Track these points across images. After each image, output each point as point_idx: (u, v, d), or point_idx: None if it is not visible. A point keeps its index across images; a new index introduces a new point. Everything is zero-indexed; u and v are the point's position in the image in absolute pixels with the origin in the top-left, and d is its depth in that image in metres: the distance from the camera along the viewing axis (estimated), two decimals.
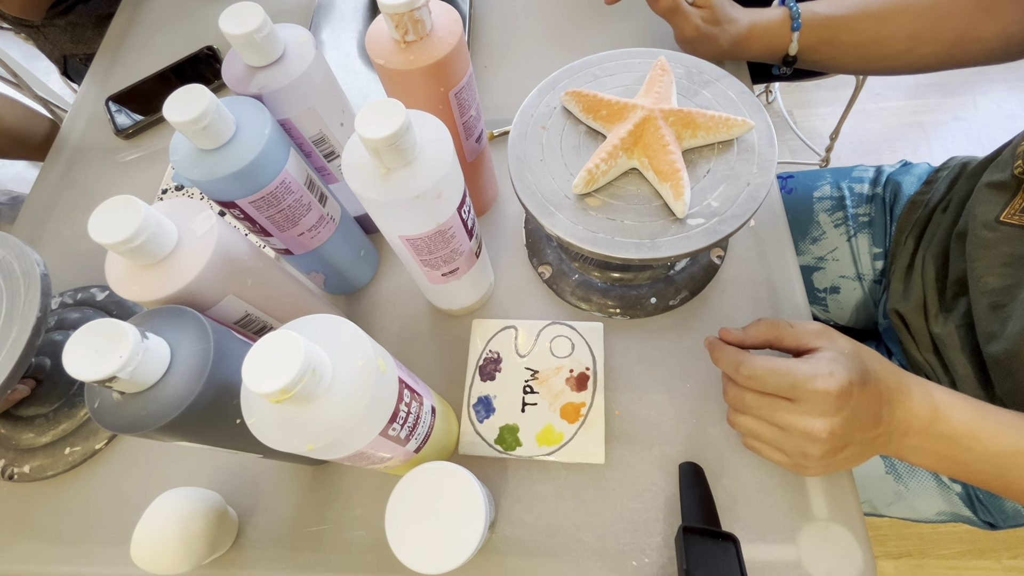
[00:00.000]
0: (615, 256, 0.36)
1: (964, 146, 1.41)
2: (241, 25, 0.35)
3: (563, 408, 0.43)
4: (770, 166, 0.38)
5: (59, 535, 0.45)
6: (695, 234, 0.36)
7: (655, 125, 0.38)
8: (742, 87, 0.41)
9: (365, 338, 0.29)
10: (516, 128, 0.43)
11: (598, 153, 0.38)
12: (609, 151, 0.38)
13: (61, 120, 0.85)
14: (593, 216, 0.38)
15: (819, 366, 0.32)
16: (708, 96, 0.42)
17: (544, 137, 0.42)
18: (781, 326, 0.36)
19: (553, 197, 0.39)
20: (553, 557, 0.40)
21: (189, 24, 0.74)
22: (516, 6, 0.68)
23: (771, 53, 0.49)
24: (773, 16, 0.48)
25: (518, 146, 0.42)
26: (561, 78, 0.45)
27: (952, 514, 0.53)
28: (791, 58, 0.48)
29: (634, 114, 0.39)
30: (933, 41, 0.48)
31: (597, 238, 0.37)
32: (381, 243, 0.54)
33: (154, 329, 0.30)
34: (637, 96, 0.41)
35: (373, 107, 0.30)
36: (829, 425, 0.32)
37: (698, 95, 0.42)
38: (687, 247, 0.36)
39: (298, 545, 0.42)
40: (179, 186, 0.61)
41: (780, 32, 0.48)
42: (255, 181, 0.36)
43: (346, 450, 0.28)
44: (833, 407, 0.31)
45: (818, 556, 0.37)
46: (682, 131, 0.39)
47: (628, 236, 0.37)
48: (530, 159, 0.41)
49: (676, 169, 0.37)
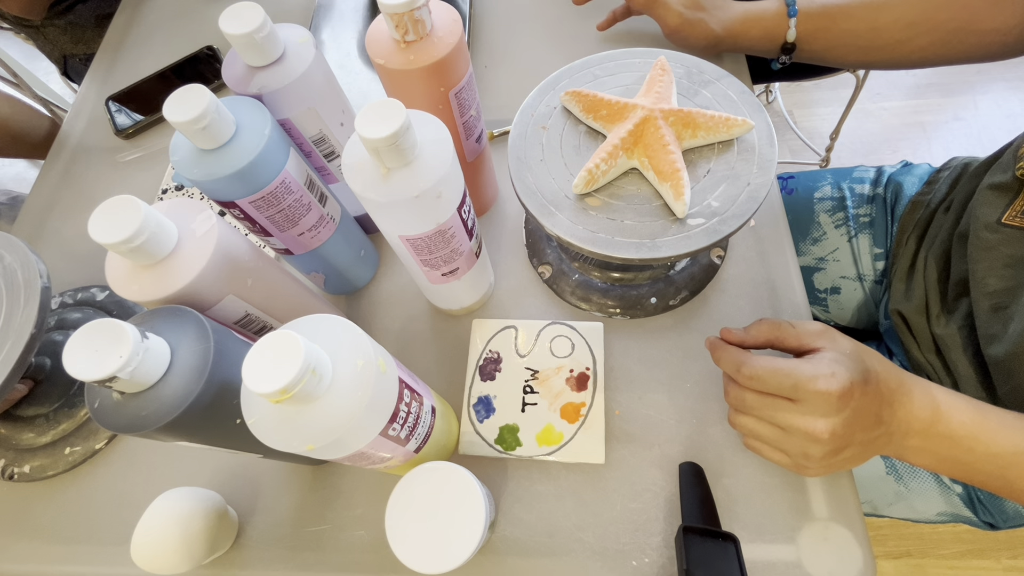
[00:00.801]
0: (615, 256, 0.36)
1: (964, 146, 1.41)
2: (241, 25, 0.35)
3: (563, 408, 0.43)
4: (770, 166, 0.38)
5: (59, 535, 0.45)
6: (695, 234, 0.36)
7: (655, 125, 0.38)
8: (742, 87, 0.41)
9: (365, 338, 0.29)
10: (516, 128, 0.43)
11: (598, 153, 0.38)
12: (609, 151, 0.38)
13: (61, 120, 0.85)
14: (593, 216, 0.38)
15: (821, 366, 0.32)
16: (708, 96, 0.42)
17: (544, 137, 0.42)
18: (783, 326, 0.36)
19: (553, 197, 0.39)
20: (553, 557, 0.40)
21: (189, 24, 0.74)
22: (516, 6, 0.68)
23: (769, 39, 0.48)
24: (768, 5, 0.48)
25: (518, 146, 0.42)
26: (561, 78, 0.45)
27: (952, 514, 0.53)
28: (789, 45, 0.48)
29: (634, 114, 0.39)
30: (932, 31, 0.47)
31: (597, 238, 0.37)
32: (381, 243, 0.54)
33: (154, 329, 0.30)
34: (637, 96, 0.41)
35: (373, 107, 0.30)
36: (830, 426, 0.32)
37: (698, 95, 0.42)
38: (687, 247, 0.36)
39: (298, 545, 0.42)
40: (179, 186, 0.61)
41: (776, 19, 0.47)
42: (255, 181, 0.36)
43: (346, 450, 0.28)
44: (835, 408, 0.31)
45: (818, 556, 0.37)
46: (682, 131, 0.39)
47: (628, 236, 0.37)
48: (530, 159, 0.41)
49: (676, 169, 0.37)
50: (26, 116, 0.66)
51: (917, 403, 0.34)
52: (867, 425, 0.33)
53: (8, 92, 0.58)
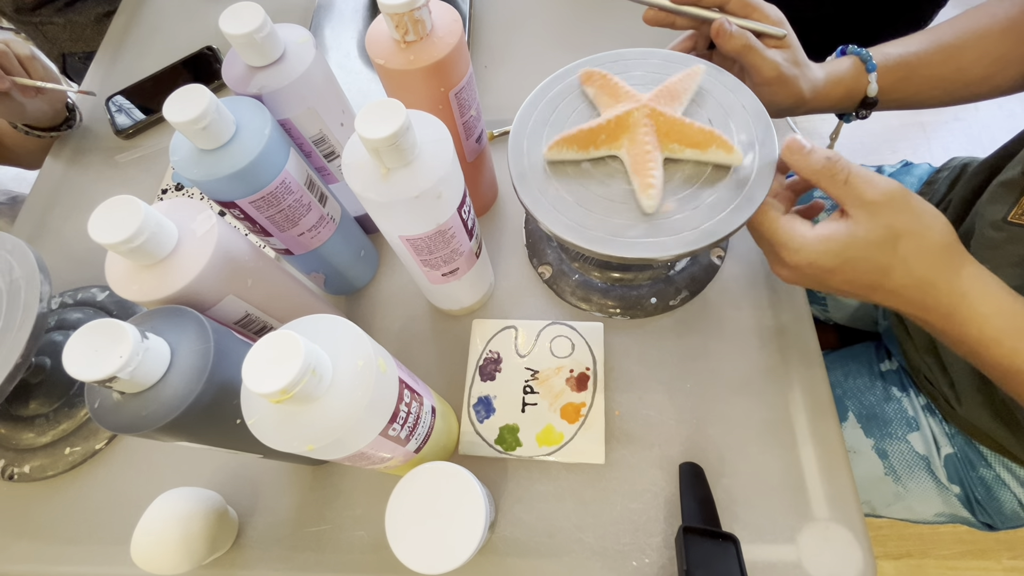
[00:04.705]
0: (615, 255, 0.36)
1: (964, 146, 1.41)
2: (241, 25, 0.35)
3: (563, 408, 0.43)
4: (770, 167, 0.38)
5: (59, 535, 0.45)
6: (695, 234, 0.36)
7: (642, 118, 0.38)
8: (770, 125, 0.39)
9: (365, 338, 0.29)
10: (516, 128, 0.43)
11: (581, 126, 0.38)
12: (591, 127, 0.38)
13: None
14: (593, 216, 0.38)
15: (793, 247, 0.33)
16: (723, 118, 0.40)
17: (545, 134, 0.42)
18: (836, 178, 0.33)
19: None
20: (553, 557, 0.40)
21: (189, 24, 0.74)
22: (516, 6, 0.68)
23: (849, 98, 0.46)
24: (842, 63, 0.45)
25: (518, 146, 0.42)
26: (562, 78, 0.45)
27: (950, 515, 0.53)
28: (871, 100, 0.45)
29: (629, 102, 0.39)
30: (1020, 61, 0.45)
31: (597, 237, 0.37)
32: (381, 243, 0.54)
33: (154, 329, 0.30)
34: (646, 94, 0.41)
35: (373, 107, 0.30)
36: (790, 276, 0.35)
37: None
38: (687, 247, 0.36)
39: (298, 545, 0.42)
40: (179, 186, 0.61)
41: (855, 76, 0.44)
42: (255, 181, 0.36)
43: (346, 450, 0.28)
44: (787, 278, 0.35)
45: (818, 556, 0.37)
46: (665, 134, 0.38)
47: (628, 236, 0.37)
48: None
49: (649, 162, 0.36)
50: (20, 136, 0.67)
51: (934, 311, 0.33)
52: (830, 287, 0.34)
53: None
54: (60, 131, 0.66)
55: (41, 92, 0.60)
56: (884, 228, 0.31)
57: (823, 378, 0.43)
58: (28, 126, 0.64)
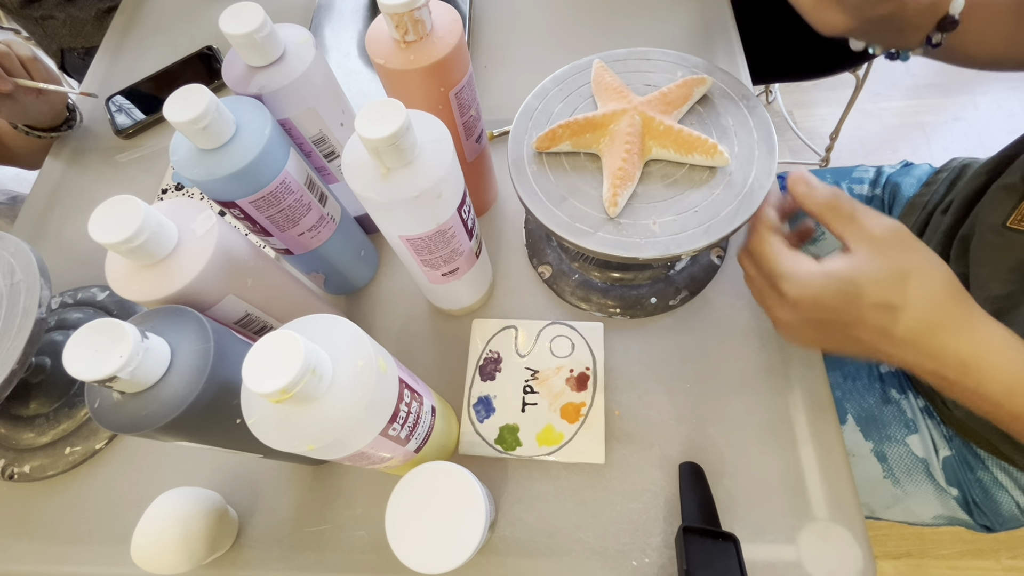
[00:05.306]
0: (615, 255, 0.36)
1: (964, 146, 1.41)
2: (241, 25, 0.35)
3: (563, 408, 0.43)
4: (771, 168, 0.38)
5: (59, 535, 0.45)
6: (695, 234, 0.36)
7: (628, 120, 0.38)
8: (770, 128, 0.40)
9: (365, 338, 0.29)
10: (516, 128, 0.43)
11: (569, 119, 0.39)
12: (578, 120, 0.39)
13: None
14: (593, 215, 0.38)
15: (795, 279, 0.32)
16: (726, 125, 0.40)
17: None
18: (841, 213, 0.32)
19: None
20: (553, 557, 0.40)
21: (189, 24, 0.74)
22: (516, 6, 0.68)
23: (934, 9, 0.40)
24: None
25: (518, 146, 0.42)
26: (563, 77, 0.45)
27: (949, 518, 0.53)
28: (950, 20, 0.40)
29: (620, 102, 0.39)
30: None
31: (597, 237, 0.37)
32: (381, 243, 0.54)
33: (154, 329, 0.30)
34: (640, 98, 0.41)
35: (373, 107, 0.30)
36: (785, 317, 0.34)
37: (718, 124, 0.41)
38: (687, 247, 0.36)
39: (298, 545, 0.42)
40: (179, 186, 0.61)
41: None
42: (255, 181, 0.36)
43: (346, 450, 0.28)
44: (786, 323, 0.34)
45: (818, 556, 0.37)
46: (653, 137, 0.38)
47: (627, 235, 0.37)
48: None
49: (619, 167, 0.37)
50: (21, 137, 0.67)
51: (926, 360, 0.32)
52: (833, 337, 0.33)
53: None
54: (60, 131, 0.66)
55: (43, 93, 0.60)
56: (892, 266, 0.30)
57: (823, 378, 0.43)
58: (28, 126, 0.64)
